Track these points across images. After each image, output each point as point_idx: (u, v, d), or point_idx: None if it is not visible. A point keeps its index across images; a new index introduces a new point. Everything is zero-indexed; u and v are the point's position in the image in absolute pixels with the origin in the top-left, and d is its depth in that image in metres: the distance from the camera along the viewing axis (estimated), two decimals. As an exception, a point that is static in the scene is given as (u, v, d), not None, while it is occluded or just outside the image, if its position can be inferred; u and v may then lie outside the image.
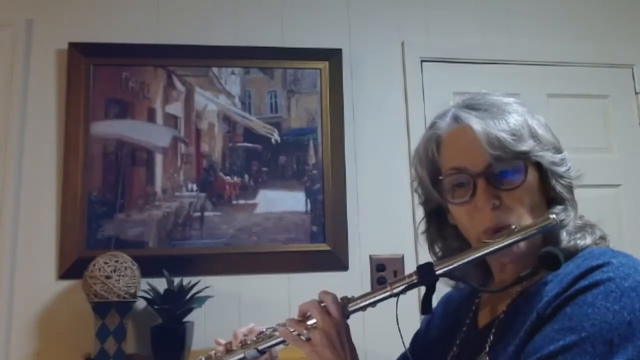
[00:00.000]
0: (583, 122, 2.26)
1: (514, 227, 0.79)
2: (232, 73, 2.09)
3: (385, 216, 2.07)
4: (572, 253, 0.81)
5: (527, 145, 0.82)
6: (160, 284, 1.79)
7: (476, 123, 0.83)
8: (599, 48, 2.32)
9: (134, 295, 1.74)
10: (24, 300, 1.86)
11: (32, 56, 2.01)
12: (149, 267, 1.82)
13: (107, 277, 1.69)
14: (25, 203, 1.92)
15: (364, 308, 0.85)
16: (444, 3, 2.28)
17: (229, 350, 0.96)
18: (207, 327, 1.89)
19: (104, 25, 2.06)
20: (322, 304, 0.85)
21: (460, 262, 0.81)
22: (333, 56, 2.13)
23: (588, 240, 0.83)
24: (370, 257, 2.04)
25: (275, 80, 2.10)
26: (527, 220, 0.81)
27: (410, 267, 2.03)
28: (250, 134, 2.06)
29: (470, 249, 0.82)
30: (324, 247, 2.01)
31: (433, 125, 0.92)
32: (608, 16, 2.38)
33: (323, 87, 2.11)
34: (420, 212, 1.00)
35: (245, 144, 2.05)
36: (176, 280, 1.80)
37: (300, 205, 2.03)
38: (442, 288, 0.97)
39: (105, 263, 1.71)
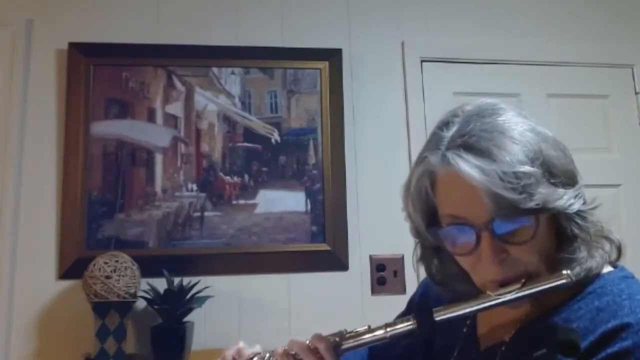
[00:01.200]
0: (583, 122, 2.26)
1: (523, 280, 0.73)
2: (232, 73, 2.09)
3: (385, 216, 2.06)
4: (582, 283, 0.75)
5: (539, 199, 0.70)
6: (160, 284, 1.79)
7: (478, 178, 0.70)
8: (599, 48, 2.32)
9: (134, 295, 1.74)
10: (24, 300, 1.86)
11: (32, 56, 2.01)
12: (149, 267, 1.82)
13: (107, 277, 1.69)
14: (25, 203, 1.92)
15: (357, 347, 0.81)
16: (444, 3, 2.28)
17: None
18: (207, 327, 1.90)
19: (104, 25, 2.06)
20: (313, 346, 0.80)
21: (462, 312, 0.76)
22: (333, 56, 2.13)
23: (599, 261, 0.76)
24: (370, 257, 2.04)
25: (275, 80, 2.10)
26: (537, 268, 0.74)
27: (410, 267, 2.02)
28: (250, 134, 2.06)
29: (475, 298, 0.77)
30: (324, 247, 2.01)
31: (424, 159, 0.78)
32: (608, 16, 2.38)
33: (323, 87, 2.11)
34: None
35: (245, 144, 2.05)
36: (176, 280, 1.80)
37: (300, 205, 2.03)
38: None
39: (105, 263, 1.71)
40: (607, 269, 0.79)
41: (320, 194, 2.04)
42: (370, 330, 0.79)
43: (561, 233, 0.76)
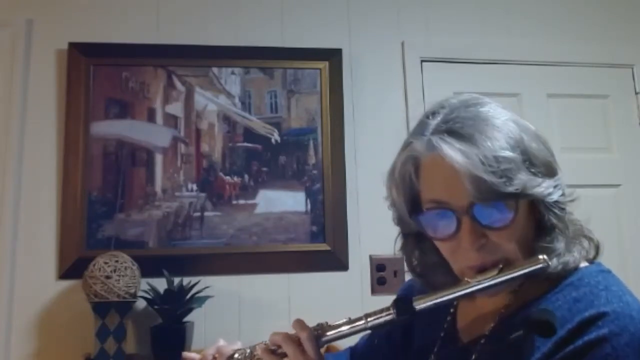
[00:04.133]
0: (583, 122, 2.26)
1: (500, 266, 0.74)
2: (232, 73, 2.09)
3: (385, 216, 2.04)
4: (560, 276, 0.76)
5: (519, 185, 0.72)
6: (160, 284, 1.79)
7: (460, 160, 0.72)
8: (599, 48, 2.32)
9: (134, 295, 1.74)
10: (24, 300, 1.86)
11: (32, 56, 2.01)
12: (149, 267, 1.82)
13: (107, 277, 1.69)
14: (25, 203, 1.92)
15: (338, 339, 0.81)
16: (444, 3, 2.28)
17: None
18: (207, 327, 1.89)
19: (104, 25, 2.06)
20: (295, 334, 0.80)
21: (441, 300, 0.76)
22: (333, 56, 2.13)
23: (576, 256, 0.77)
24: (370, 257, 2.04)
25: (275, 80, 2.10)
26: (515, 255, 0.75)
27: (410, 267, 2.03)
28: (250, 134, 2.06)
29: (453, 285, 0.77)
30: (324, 247, 2.01)
31: (409, 145, 0.82)
32: (608, 16, 2.38)
33: (323, 87, 2.11)
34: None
35: (245, 144, 2.05)
36: (176, 280, 1.80)
37: (300, 205, 2.03)
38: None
39: (105, 263, 1.71)
40: (585, 264, 0.81)
41: (320, 194, 2.04)
42: (350, 321, 0.80)
43: (540, 223, 0.77)
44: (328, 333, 0.80)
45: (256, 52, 2.10)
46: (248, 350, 0.86)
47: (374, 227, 2.06)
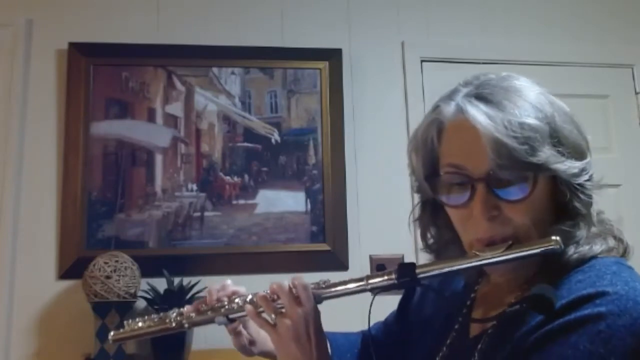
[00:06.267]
0: (583, 122, 2.25)
1: (510, 242, 0.71)
2: (232, 73, 2.09)
3: (385, 216, 2.06)
4: (574, 264, 0.72)
5: (541, 156, 0.69)
6: (160, 284, 1.79)
7: (483, 122, 0.70)
8: (599, 48, 2.32)
9: (134, 295, 1.74)
10: (24, 300, 1.85)
11: (32, 56, 2.01)
12: (149, 267, 1.82)
13: (107, 277, 1.69)
14: (25, 203, 1.92)
15: (337, 296, 0.81)
16: (444, 3, 2.28)
17: (200, 311, 0.91)
18: (207, 327, 1.88)
19: (104, 25, 2.06)
20: (291, 285, 0.81)
21: (444, 270, 0.74)
22: (333, 56, 2.13)
23: (595, 249, 0.73)
24: (370, 257, 2.04)
25: (275, 80, 2.10)
26: (527, 235, 0.72)
27: (410, 267, 2.03)
28: (250, 134, 2.06)
29: (459, 257, 0.76)
30: (324, 247, 2.01)
31: (436, 108, 0.79)
32: (608, 16, 2.38)
33: (323, 87, 2.11)
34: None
35: (245, 144, 2.05)
36: (176, 280, 1.80)
37: (300, 205, 2.03)
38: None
39: (105, 263, 1.71)
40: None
41: (320, 194, 2.04)
42: (351, 280, 0.79)
43: (562, 207, 0.74)
44: (327, 290, 0.80)
45: (256, 52, 2.10)
46: (250, 296, 0.88)
47: (374, 227, 2.06)
